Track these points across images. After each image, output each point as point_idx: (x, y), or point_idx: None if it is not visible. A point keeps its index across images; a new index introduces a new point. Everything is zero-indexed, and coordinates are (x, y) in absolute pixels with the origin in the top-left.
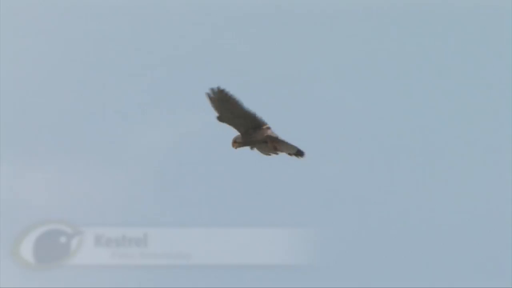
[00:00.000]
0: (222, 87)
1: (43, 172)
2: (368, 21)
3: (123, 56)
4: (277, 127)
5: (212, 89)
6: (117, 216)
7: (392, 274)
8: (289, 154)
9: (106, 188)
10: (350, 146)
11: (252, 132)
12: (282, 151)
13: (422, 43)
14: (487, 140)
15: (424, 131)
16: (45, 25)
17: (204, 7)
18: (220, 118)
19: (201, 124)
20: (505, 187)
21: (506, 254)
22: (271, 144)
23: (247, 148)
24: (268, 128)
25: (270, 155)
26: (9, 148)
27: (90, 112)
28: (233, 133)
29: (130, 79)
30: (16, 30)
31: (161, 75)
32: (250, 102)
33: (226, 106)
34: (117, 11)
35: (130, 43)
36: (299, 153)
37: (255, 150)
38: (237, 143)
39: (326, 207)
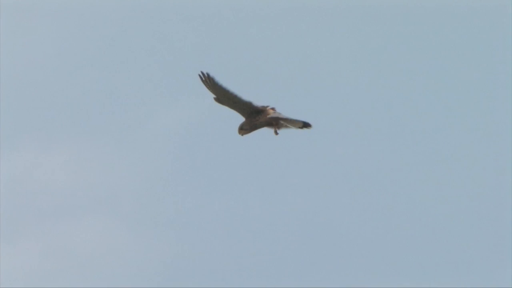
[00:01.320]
0: (211, 74)
1: (61, 154)
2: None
3: (142, 40)
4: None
5: (202, 73)
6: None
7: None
8: (298, 127)
9: (123, 169)
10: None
11: (256, 115)
12: (289, 126)
13: (423, 39)
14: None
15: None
16: (65, 8)
17: None
18: (218, 100)
19: (217, 108)
20: (505, 186)
21: (506, 253)
22: (275, 125)
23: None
24: (271, 109)
25: (276, 133)
26: (29, 131)
27: (108, 95)
28: (241, 118)
29: (148, 62)
30: (33, 13)
31: (179, 58)
32: (259, 87)
33: (218, 92)
34: None
35: (149, 26)
36: (306, 125)
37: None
38: (243, 130)
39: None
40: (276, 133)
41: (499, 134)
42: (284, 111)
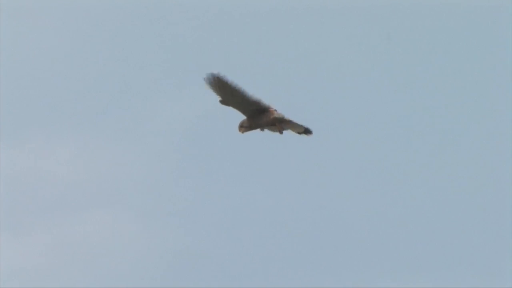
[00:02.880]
0: (218, 73)
1: (66, 147)
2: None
3: (147, 33)
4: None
5: (208, 75)
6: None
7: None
8: (298, 132)
9: (128, 163)
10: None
11: (259, 115)
12: (290, 129)
13: (423, 38)
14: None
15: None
16: (69, 5)
17: None
18: (223, 102)
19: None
20: (506, 186)
21: (506, 253)
22: (279, 126)
23: (256, 131)
24: (274, 110)
25: (281, 132)
26: (34, 124)
27: (113, 89)
28: (241, 115)
29: (153, 57)
30: (39, 10)
31: (183, 53)
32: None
33: (225, 92)
34: None
35: (153, 19)
36: (307, 131)
37: (265, 130)
38: (243, 127)
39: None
40: (281, 132)
41: (499, 134)
42: (284, 111)
